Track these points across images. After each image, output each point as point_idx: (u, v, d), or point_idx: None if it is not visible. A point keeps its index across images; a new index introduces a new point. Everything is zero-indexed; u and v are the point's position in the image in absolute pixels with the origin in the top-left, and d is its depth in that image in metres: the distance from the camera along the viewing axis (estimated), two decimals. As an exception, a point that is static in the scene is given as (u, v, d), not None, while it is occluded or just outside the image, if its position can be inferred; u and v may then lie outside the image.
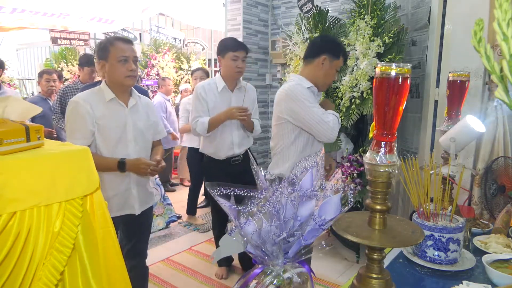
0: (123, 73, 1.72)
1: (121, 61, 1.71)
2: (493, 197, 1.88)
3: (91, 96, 1.73)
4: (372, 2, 2.71)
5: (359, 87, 2.69)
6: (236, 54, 2.36)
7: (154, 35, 6.04)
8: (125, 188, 1.80)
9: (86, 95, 1.73)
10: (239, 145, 2.51)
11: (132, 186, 1.82)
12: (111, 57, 1.71)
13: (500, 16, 0.50)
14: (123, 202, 1.80)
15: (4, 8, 4.04)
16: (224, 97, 2.45)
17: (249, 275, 0.83)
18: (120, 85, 1.75)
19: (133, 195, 1.83)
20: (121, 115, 1.77)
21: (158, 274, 2.88)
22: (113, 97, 1.74)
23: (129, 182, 1.81)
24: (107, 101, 1.73)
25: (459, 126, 1.52)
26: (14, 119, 1.06)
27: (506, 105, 0.53)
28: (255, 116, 2.57)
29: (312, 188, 0.80)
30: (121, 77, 1.72)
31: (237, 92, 2.49)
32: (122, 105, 1.78)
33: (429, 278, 1.21)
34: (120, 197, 1.79)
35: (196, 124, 2.40)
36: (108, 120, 1.72)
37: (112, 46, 1.71)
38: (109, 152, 1.74)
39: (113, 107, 1.75)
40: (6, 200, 0.92)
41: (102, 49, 1.73)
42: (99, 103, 1.72)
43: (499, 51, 2.11)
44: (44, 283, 0.96)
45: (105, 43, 1.73)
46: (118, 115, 1.76)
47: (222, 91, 2.44)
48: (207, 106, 2.42)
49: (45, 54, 7.33)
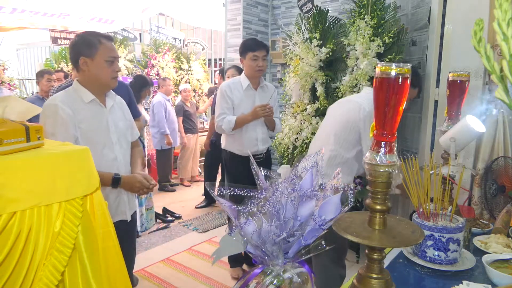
0: (109, 74, 1.63)
1: (108, 62, 1.61)
2: (493, 197, 1.88)
3: (68, 98, 1.59)
4: (372, 2, 2.71)
5: (359, 87, 2.69)
6: (256, 54, 2.46)
7: (154, 35, 6.04)
8: (117, 194, 1.72)
9: (63, 97, 1.59)
10: (263, 141, 2.60)
11: (123, 192, 1.75)
12: (98, 56, 1.59)
13: (500, 16, 0.50)
14: (114, 208, 1.72)
15: (4, 8, 4.04)
16: (249, 95, 2.56)
17: (249, 275, 0.83)
18: (104, 86, 1.66)
19: (124, 201, 1.77)
20: (102, 117, 1.67)
21: (158, 274, 2.88)
22: (93, 98, 1.63)
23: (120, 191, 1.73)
24: (87, 102, 1.62)
25: (459, 126, 1.52)
26: (14, 119, 1.06)
27: (506, 105, 0.53)
28: (275, 115, 2.65)
29: (312, 188, 0.80)
30: (108, 78, 1.63)
31: (260, 90, 2.59)
32: (102, 106, 1.68)
33: (429, 278, 1.21)
34: (112, 204, 1.71)
35: (222, 122, 2.50)
36: (90, 123, 1.62)
37: (100, 44, 1.59)
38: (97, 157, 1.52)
39: (93, 108, 1.64)
40: (6, 200, 0.92)
41: (88, 45, 1.58)
42: (79, 104, 1.60)
43: (499, 51, 2.11)
44: (45, 283, 0.96)
45: (92, 39, 1.58)
46: (99, 117, 1.66)
47: (246, 89, 2.55)
48: (232, 104, 2.53)
49: (45, 54, 7.32)
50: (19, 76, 6.85)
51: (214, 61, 7.70)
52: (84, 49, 1.59)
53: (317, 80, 3.00)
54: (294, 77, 3.17)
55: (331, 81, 3.01)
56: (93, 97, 1.64)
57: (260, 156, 2.61)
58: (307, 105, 3.14)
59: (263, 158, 2.64)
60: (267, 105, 2.44)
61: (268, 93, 2.62)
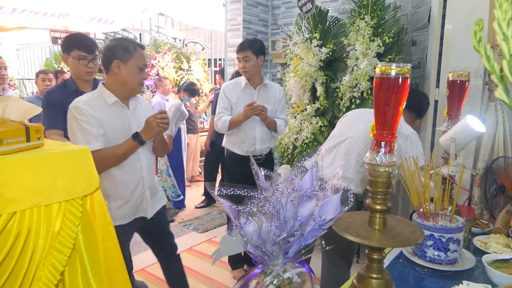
0: (138, 80, 1.73)
1: (139, 68, 1.71)
2: (493, 197, 1.88)
3: (92, 99, 1.68)
4: (372, 2, 2.71)
5: (359, 87, 2.69)
6: (237, 56, 2.51)
7: (154, 35, 6.04)
8: (140, 192, 1.80)
9: (87, 98, 1.68)
10: (262, 141, 2.58)
11: (146, 190, 1.82)
12: (131, 61, 1.69)
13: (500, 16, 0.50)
14: (137, 205, 1.80)
15: (4, 8, 4.03)
16: (247, 94, 2.57)
17: (249, 275, 0.83)
18: (130, 90, 1.75)
19: (147, 198, 1.83)
20: (125, 118, 1.75)
21: (158, 274, 2.88)
22: (115, 100, 1.71)
23: (143, 187, 1.80)
24: (110, 104, 1.70)
25: (459, 126, 1.52)
26: (14, 119, 1.06)
27: (506, 105, 0.53)
28: (280, 116, 2.64)
29: (312, 188, 0.80)
30: (135, 83, 1.73)
31: (262, 89, 2.59)
32: (125, 107, 1.76)
33: (429, 278, 1.21)
34: (136, 200, 1.79)
35: (219, 121, 2.54)
36: (113, 124, 1.69)
37: (135, 51, 1.70)
38: None
39: (116, 110, 1.72)
40: (6, 200, 0.92)
41: (124, 50, 1.68)
42: (102, 107, 1.68)
43: (499, 51, 2.11)
44: (44, 283, 0.96)
45: (129, 46, 1.69)
46: (122, 117, 1.74)
47: (244, 88, 2.56)
48: (230, 103, 2.55)
49: (45, 54, 7.32)
50: (19, 76, 6.85)
51: (214, 61, 7.70)
52: (120, 53, 1.67)
53: (317, 80, 3.00)
54: (294, 77, 3.17)
55: (331, 81, 3.01)
56: (116, 99, 1.71)
57: (259, 157, 2.60)
58: (307, 105, 3.14)
59: (263, 159, 2.62)
60: (253, 103, 2.41)
61: (271, 92, 2.61)
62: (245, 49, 2.46)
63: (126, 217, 1.78)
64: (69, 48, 1.99)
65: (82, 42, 1.99)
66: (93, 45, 2.02)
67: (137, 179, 1.78)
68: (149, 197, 1.84)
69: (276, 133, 2.67)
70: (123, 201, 1.74)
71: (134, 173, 1.76)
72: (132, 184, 1.77)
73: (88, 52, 1.98)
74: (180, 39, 6.42)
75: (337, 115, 2.97)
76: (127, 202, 1.76)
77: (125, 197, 1.75)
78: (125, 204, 1.75)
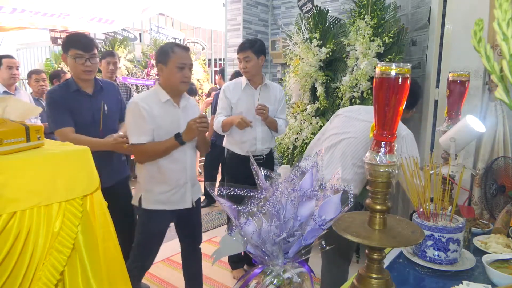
0: (179, 79, 1.85)
1: (179, 68, 1.83)
2: (493, 197, 1.88)
3: (148, 97, 1.87)
4: (372, 2, 2.71)
5: (359, 87, 2.69)
6: (238, 56, 2.51)
7: (154, 35, 6.03)
8: (184, 182, 1.96)
9: (143, 96, 1.88)
10: (262, 141, 2.59)
11: (188, 181, 1.98)
12: (170, 63, 1.83)
13: (500, 16, 0.50)
14: (181, 195, 1.97)
15: (4, 8, 4.03)
16: (248, 94, 2.57)
17: (249, 275, 0.83)
18: (175, 89, 1.89)
19: (189, 189, 2.00)
20: (175, 115, 1.92)
21: (158, 274, 2.88)
22: (168, 99, 1.88)
23: (186, 178, 1.97)
24: (163, 102, 1.87)
25: (459, 126, 1.52)
26: (14, 119, 1.06)
27: (506, 105, 0.53)
28: (280, 116, 2.65)
29: (312, 188, 0.80)
30: (177, 82, 1.86)
31: (262, 89, 2.59)
32: (175, 105, 1.92)
33: (429, 278, 1.21)
34: (179, 191, 1.96)
35: (215, 122, 2.58)
36: (164, 119, 1.87)
37: (173, 52, 1.83)
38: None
39: (167, 107, 1.89)
40: (6, 200, 0.92)
41: (163, 53, 1.85)
42: (156, 104, 1.86)
43: (499, 51, 2.11)
44: (44, 283, 0.96)
45: (167, 49, 1.85)
46: (172, 115, 1.91)
47: (245, 88, 2.56)
48: (229, 104, 2.56)
49: (45, 54, 7.31)
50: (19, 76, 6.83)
51: (214, 61, 7.70)
52: (160, 56, 1.86)
53: (317, 80, 3.00)
54: (294, 77, 3.17)
55: (331, 81, 3.01)
56: (168, 98, 1.89)
57: (260, 157, 2.60)
58: (307, 105, 3.13)
59: (263, 160, 2.62)
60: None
61: (272, 92, 2.61)
62: (246, 50, 2.46)
63: (166, 204, 1.94)
64: (67, 47, 1.99)
65: (78, 41, 1.99)
66: (90, 44, 2.01)
67: (181, 169, 1.95)
68: (190, 188, 2.00)
69: (276, 133, 2.67)
70: (166, 188, 1.91)
71: (179, 163, 1.94)
72: (177, 173, 1.93)
73: (84, 50, 1.97)
74: (180, 39, 6.41)
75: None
76: (170, 189, 1.93)
77: (169, 184, 1.92)
78: (168, 191, 1.92)
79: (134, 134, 1.84)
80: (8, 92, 3.45)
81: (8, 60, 3.48)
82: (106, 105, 2.09)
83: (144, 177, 1.94)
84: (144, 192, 1.93)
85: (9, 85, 3.48)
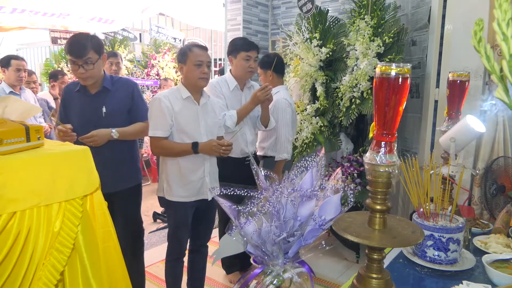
0: (197, 75, 1.95)
1: (196, 65, 1.93)
2: (493, 197, 1.88)
3: (170, 94, 1.99)
4: (372, 2, 2.71)
5: (359, 87, 2.69)
6: (249, 54, 2.37)
7: (154, 35, 6.03)
8: (200, 176, 2.04)
9: (166, 93, 2.00)
10: (252, 143, 2.56)
11: (206, 175, 2.06)
12: (188, 61, 1.94)
13: (500, 16, 0.50)
14: (198, 188, 2.04)
15: (4, 8, 4.03)
16: (235, 96, 2.48)
17: (249, 275, 0.83)
18: (194, 85, 1.99)
19: (206, 182, 2.07)
20: (194, 111, 2.01)
21: (158, 274, 2.88)
22: (188, 95, 1.98)
23: (203, 171, 2.05)
24: (184, 98, 1.98)
25: (459, 126, 1.52)
26: (14, 119, 1.06)
27: (506, 105, 0.53)
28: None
29: (312, 188, 0.80)
30: (195, 78, 1.95)
31: (247, 91, 2.53)
32: (195, 102, 2.01)
33: (429, 278, 1.21)
34: (196, 184, 2.04)
35: (224, 119, 2.37)
36: (183, 115, 1.97)
37: (190, 52, 1.94)
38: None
39: (188, 104, 1.99)
40: (6, 200, 0.92)
41: (182, 54, 1.98)
42: (177, 100, 1.97)
43: (499, 51, 2.11)
44: (44, 283, 0.96)
45: (185, 49, 1.98)
46: (192, 111, 2.00)
47: (233, 90, 2.46)
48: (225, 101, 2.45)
49: (45, 54, 7.31)
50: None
51: (214, 61, 7.70)
52: (180, 56, 2.00)
53: (317, 80, 3.00)
54: (294, 77, 3.17)
55: (331, 81, 3.01)
56: (189, 95, 1.99)
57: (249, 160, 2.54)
58: (307, 105, 3.13)
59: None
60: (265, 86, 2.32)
61: None
62: (257, 49, 2.40)
63: (184, 197, 2.02)
64: (65, 51, 1.95)
65: (70, 46, 1.88)
66: (82, 50, 1.86)
67: (199, 163, 2.02)
68: (208, 182, 2.07)
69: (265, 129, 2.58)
70: (183, 181, 2.00)
71: (198, 157, 2.01)
72: (194, 166, 2.01)
73: (76, 56, 1.86)
74: (180, 39, 6.41)
75: (337, 115, 2.97)
76: (188, 183, 2.01)
77: (186, 177, 2.00)
78: (185, 184, 2.01)
79: (151, 127, 1.96)
80: (14, 92, 3.47)
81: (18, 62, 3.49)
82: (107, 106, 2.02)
83: (165, 169, 2.04)
84: (166, 184, 2.04)
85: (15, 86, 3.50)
